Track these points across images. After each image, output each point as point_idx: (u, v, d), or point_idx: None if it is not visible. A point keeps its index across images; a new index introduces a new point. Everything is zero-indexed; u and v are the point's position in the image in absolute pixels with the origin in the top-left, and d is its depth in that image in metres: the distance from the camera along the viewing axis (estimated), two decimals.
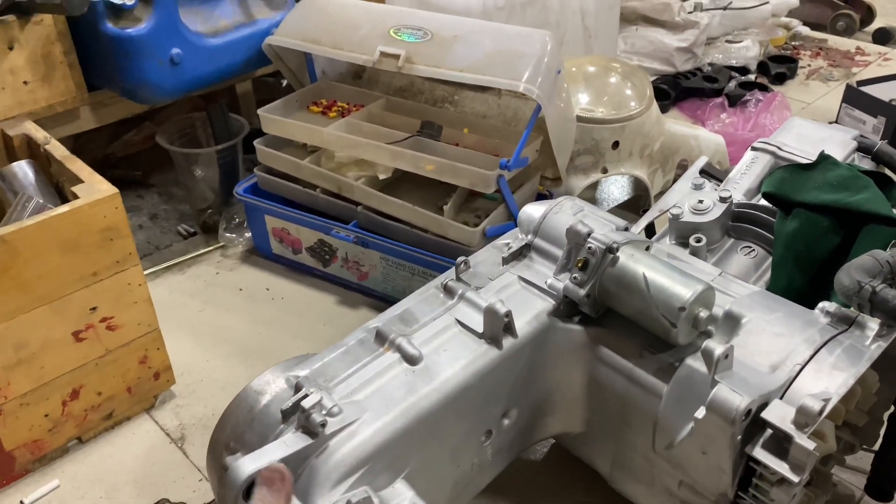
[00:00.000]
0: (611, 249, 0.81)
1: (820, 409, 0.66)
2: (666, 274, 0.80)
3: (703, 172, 1.53)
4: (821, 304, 0.80)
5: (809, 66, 2.29)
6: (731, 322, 0.80)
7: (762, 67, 2.21)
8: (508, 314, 0.79)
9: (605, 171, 1.49)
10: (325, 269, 1.37)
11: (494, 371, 0.80)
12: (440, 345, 0.81)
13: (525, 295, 0.87)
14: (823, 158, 0.95)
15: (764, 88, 2.03)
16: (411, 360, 0.78)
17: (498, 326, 0.80)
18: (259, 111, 1.35)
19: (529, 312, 0.85)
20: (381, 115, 1.39)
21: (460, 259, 0.89)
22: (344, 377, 0.77)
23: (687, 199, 0.98)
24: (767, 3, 2.21)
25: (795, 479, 0.67)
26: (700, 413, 0.72)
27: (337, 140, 1.28)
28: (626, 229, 0.89)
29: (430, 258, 1.22)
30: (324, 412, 0.69)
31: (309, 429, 0.67)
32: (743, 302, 0.81)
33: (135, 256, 1.02)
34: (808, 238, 0.89)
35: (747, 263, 0.95)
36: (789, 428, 0.67)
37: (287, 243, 1.39)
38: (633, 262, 0.81)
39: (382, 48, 1.24)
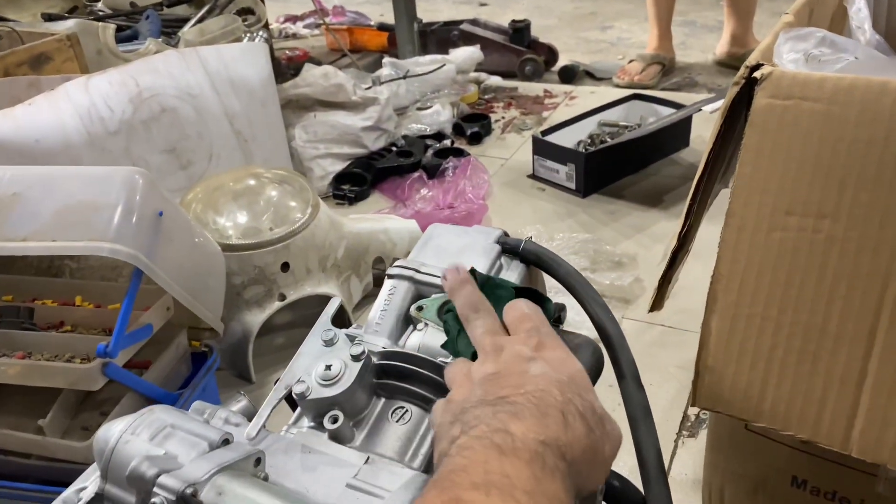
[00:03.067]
0: (184, 499, 0.56)
1: None
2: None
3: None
4: None
5: (503, 118, 2.26)
6: None
7: (458, 129, 2.14)
8: None
9: (282, 297, 1.27)
10: None
11: None
12: None
13: None
14: (485, 282, 0.78)
15: (458, 153, 1.94)
16: None
17: None
18: None
19: None
20: None
21: None
22: None
23: (315, 364, 0.76)
24: (444, 64, 2.15)
25: None
26: None
27: None
28: (227, 441, 0.65)
29: (40, 493, 0.90)
30: None
31: None
32: None
33: None
34: None
35: (402, 432, 0.74)
36: None
37: None
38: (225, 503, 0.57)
39: None
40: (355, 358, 0.75)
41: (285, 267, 1.24)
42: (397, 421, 0.76)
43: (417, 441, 0.74)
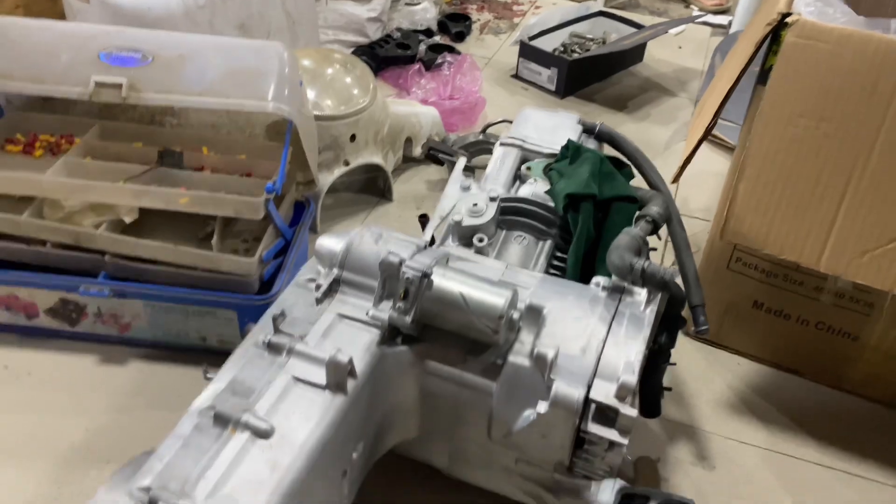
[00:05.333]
0: (426, 275, 0.85)
1: (636, 382, 0.79)
2: (477, 286, 0.87)
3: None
4: (595, 280, 0.94)
5: (479, 20, 2.50)
6: (534, 313, 0.90)
7: (443, 27, 2.36)
8: (350, 361, 0.80)
9: (346, 163, 1.51)
10: (73, 328, 1.21)
11: (345, 417, 0.81)
12: (287, 409, 0.78)
13: (350, 331, 0.88)
14: (576, 150, 1.08)
15: (451, 50, 2.18)
16: (264, 434, 0.75)
17: (342, 375, 0.80)
18: None
19: (360, 348, 0.86)
20: (102, 147, 1.23)
21: (276, 312, 0.85)
22: (199, 475, 0.71)
23: (462, 203, 1.05)
24: None
25: (625, 441, 0.80)
26: (542, 408, 0.81)
27: (63, 188, 1.11)
28: (426, 246, 0.94)
29: (205, 297, 1.14)
30: None
31: None
32: (538, 293, 0.91)
33: None
34: (589, 225, 1.02)
35: (522, 252, 1.06)
36: (614, 402, 0.80)
37: (17, 309, 1.20)
38: (447, 282, 0.87)
39: (97, 77, 1.09)
40: (492, 199, 1.06)
41: (353, 138, 1.48)
42: (518, 244, 1.08)
43: (535, 257, 1.07)
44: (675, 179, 1.21)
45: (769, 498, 1.09)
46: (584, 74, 2.11)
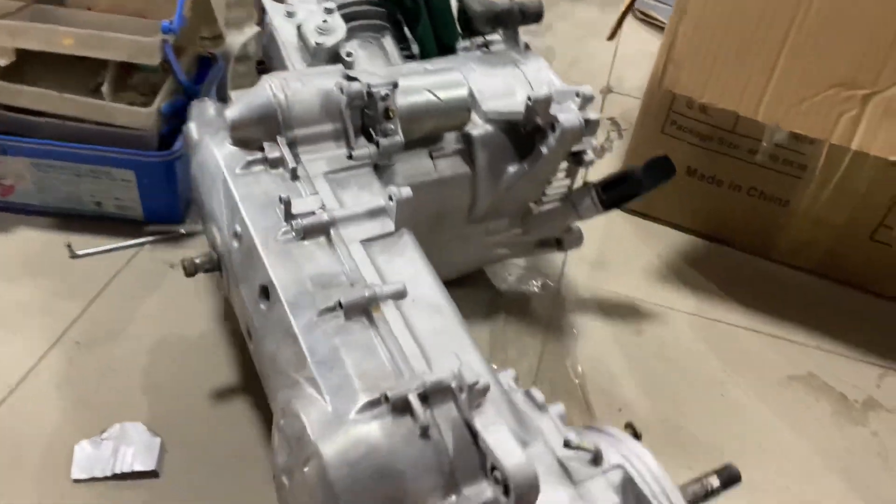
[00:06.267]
0: (396, 85, 0.78)
1: (591, 92, 0.85)
2: (431, 82, 0.85)
3: None
4: (460, 45, 0.97)
5: None
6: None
7: None
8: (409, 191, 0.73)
9: (259, 23, 1.38)
10: None
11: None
12: (387, 268, 0.70)
13: (348, 182, 0.78)
14: None
15: None
16: (402, 295, 0.67)
17: (410, 207, 0.73)
18: None
19: (375, 190, 0.77)
20: None
21: (284, 200, 0.71)
22: (394, 362, 0.61)
23: (306, 27, 0.94)
24: None
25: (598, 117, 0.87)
26: (546, 148, 0.84)
27: None
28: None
29: (98, 152, 1.03)
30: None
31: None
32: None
33: None
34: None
35: (375, 53, 0.99)
36: (584, 115, 0.85)
37: None
38: (413, 87, 0.83)
39: None
40: (329, 11, 0.95)
41: None
42: (366, 48, 1.01)
43: (388, 53, 0.99)
44: (612, 35, 1.15)
45: (696, 360, 1.08)
46: None
